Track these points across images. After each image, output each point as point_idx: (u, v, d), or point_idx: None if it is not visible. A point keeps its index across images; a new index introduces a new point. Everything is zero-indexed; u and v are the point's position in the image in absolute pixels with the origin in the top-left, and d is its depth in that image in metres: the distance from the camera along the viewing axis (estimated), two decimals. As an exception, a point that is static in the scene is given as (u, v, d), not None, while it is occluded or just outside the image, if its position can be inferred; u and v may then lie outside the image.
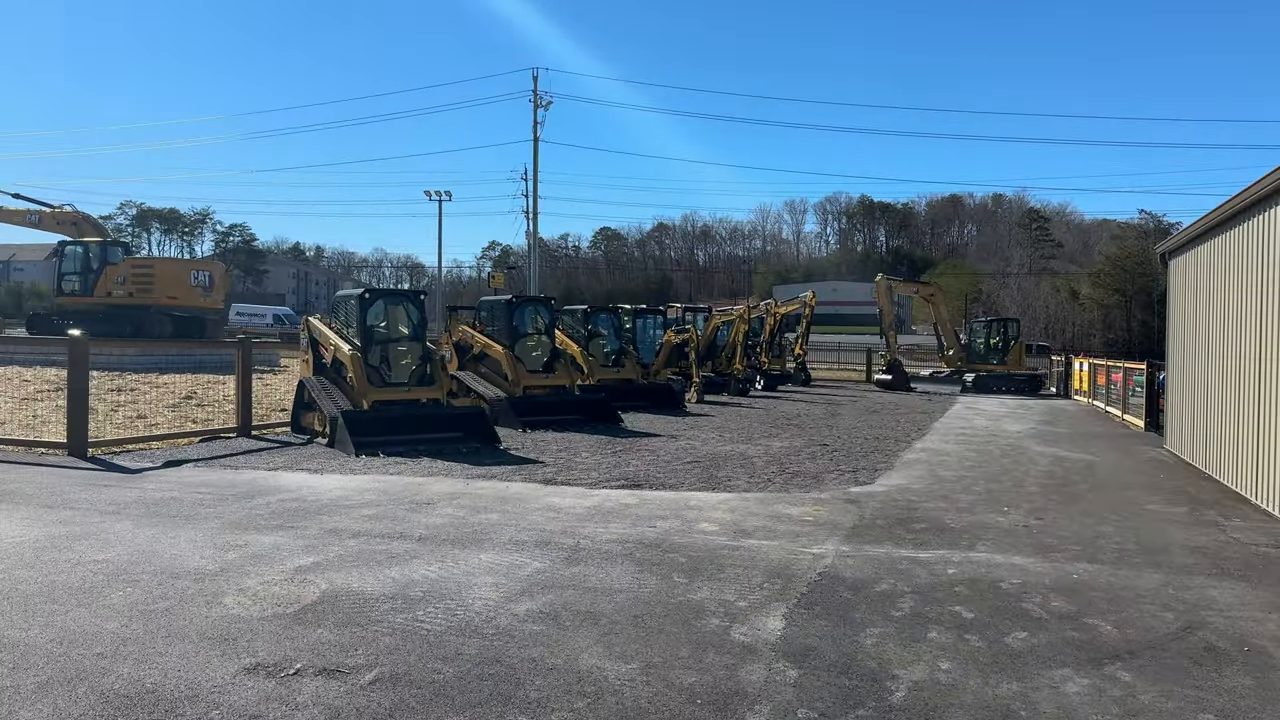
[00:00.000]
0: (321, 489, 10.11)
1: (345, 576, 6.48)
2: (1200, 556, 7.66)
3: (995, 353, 37.20)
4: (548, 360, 18.53)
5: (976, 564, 7.24)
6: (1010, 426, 20.10)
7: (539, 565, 6.87)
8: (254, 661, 4.85)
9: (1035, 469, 13.08)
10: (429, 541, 7.58)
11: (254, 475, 11.03)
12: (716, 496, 10.13)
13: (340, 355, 14.13)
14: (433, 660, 4.89)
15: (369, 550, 7.25)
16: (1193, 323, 14.24)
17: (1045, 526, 8.84)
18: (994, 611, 5.97)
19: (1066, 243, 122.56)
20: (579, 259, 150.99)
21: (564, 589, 6.25)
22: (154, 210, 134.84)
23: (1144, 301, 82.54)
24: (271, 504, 9.15)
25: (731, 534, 8.14)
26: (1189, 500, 10.58)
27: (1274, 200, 10.14)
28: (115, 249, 36.18)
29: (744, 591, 6.31)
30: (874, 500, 10.12)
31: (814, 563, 7.15)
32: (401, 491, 9.97)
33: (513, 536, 7.81)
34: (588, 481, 10.94)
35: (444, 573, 6.61)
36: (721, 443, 15.37)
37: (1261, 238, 10.55)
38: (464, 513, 8.82)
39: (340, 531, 7.93)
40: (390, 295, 15.93)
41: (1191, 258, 14.50)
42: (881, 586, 6.53)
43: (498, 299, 19.50)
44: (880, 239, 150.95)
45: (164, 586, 6.21)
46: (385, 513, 8.78)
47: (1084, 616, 5.89)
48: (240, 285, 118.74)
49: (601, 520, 8.61)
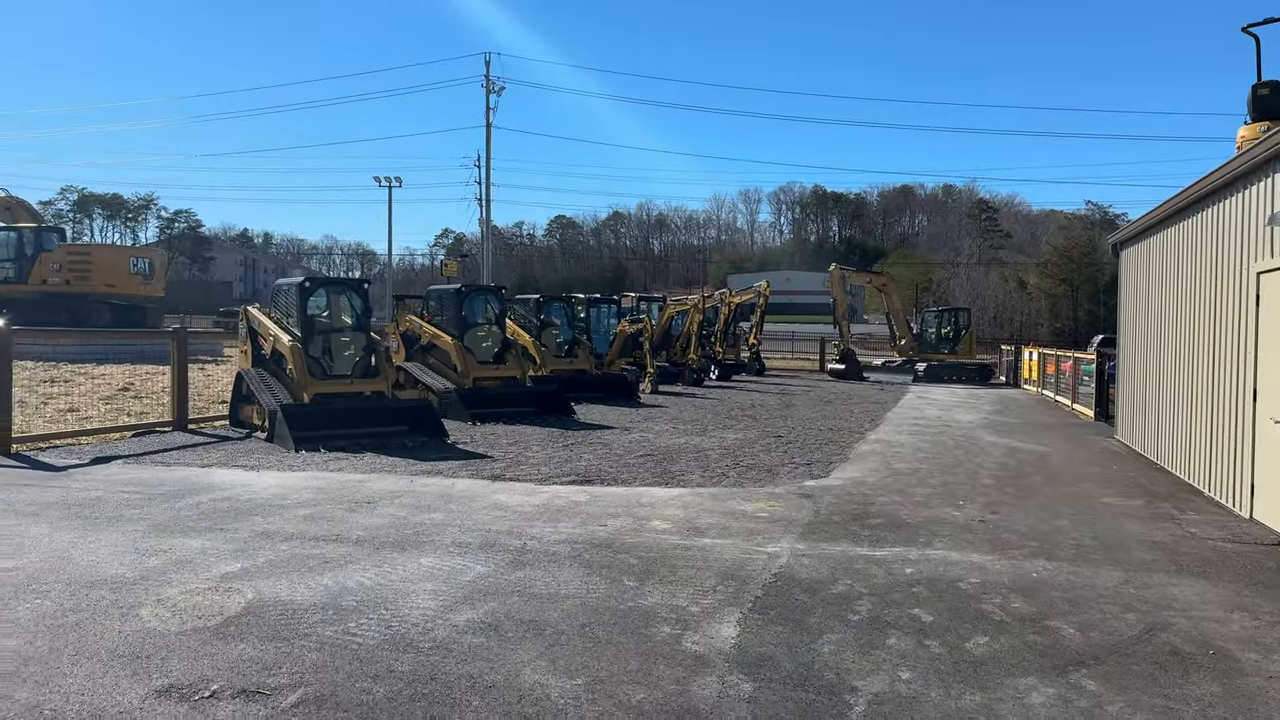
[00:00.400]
0: (257, 487, 9.66)
1: (274, 584, 6.09)
2: (1158, 552, 7.56)
3: (946, 342, 37.49)
4: (498, 351, 18.09)
5: (934, 562, 7.06)
6: (962, 416, 20.13)
7: (482, 569, 6.54)
8: (166, 683, 4.47)
9: (989, 460, 13.02)
10: (367, 544, 7.21)
11: (186, 473, 10.53)
12: (670, 492, 9.86)
13: (280, 346, 13.61)
14: (363, 678, 4.55)
15: (302, 555, 6.87)
16: (1144, 314, 14.27)
17: (1001, 521, 8.71)
18: (953, 614, 5.77)
19: (1015, 233, 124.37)
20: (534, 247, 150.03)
21: (508, 596, 5.93)
22: (96, 195, 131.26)
23: (1090, 291, 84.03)
24: (202, 504, 8.70)
25: (684, 532, 7.88)
26: (1143, 493, 10.54)
27: (1224, 193, 10.11)
28: (50, 235, 35.00)
29: (696, 595, 6.04)
30: (829, 495, 9.93)
31: (769, 563, 6.91)
32: (341, 490, 9.56)
33: (456, 538, 7.47)
34: (537, 477, 10.61)
35: (380, 579, 6.25)
36: (675, 435, 15.12)
37: (1213, 230, 10.52)
38: (406, 512, 8.45)
39: (273, 534, 7.52)
40: (332, 284, 15.40)
41: (1142, 249, 14.53)
42: (838, 588, 6.30)
43: (446, 288, 19.01)
44: (833, 229, 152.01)
45: (76, 597, 5.78)
46: (322, 513, 8.38)
47: (1045, 619, 5.71)
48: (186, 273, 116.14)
49: (550, 519, 8.30)
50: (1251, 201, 9.22)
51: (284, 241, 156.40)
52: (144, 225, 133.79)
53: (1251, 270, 9.14)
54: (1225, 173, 9.78)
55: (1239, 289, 9.54)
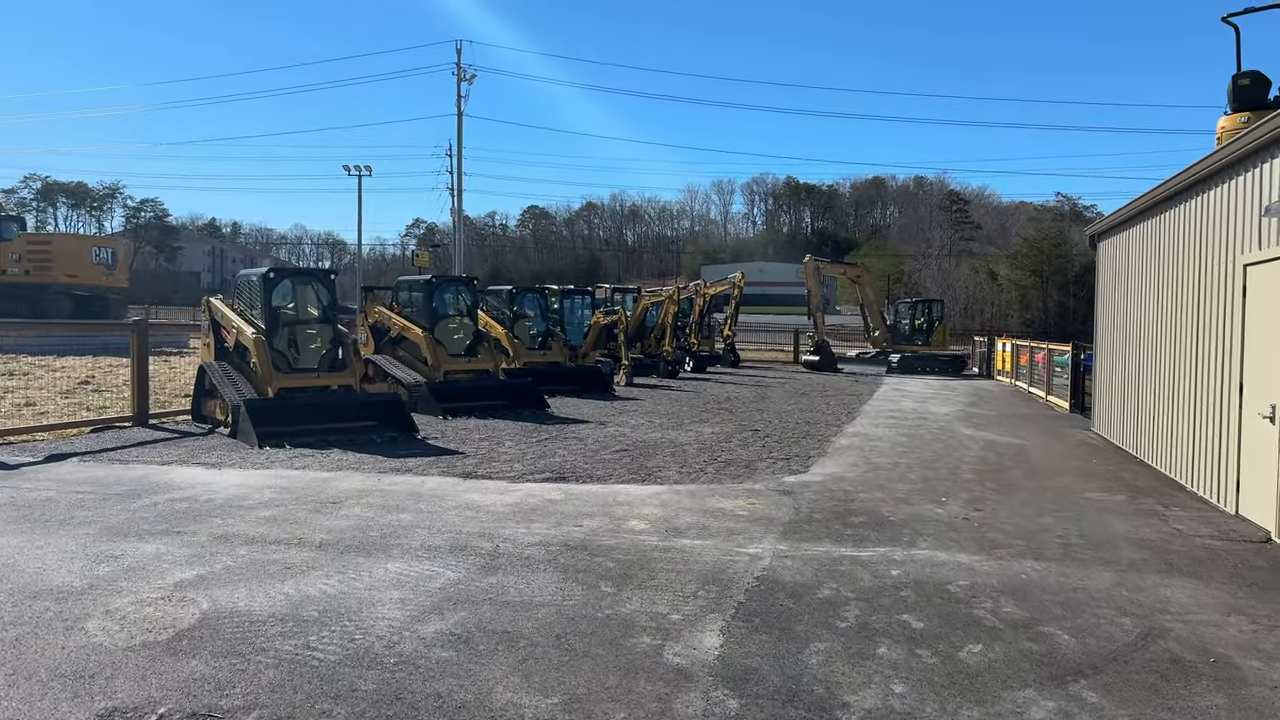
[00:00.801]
0: (217, 486, 9.28)
1: (231, 593, 5.76)
2: (1148, 551, 7.39)
3: (920, 333, 37.47)
4: (470, 343, 17.71)
5: (921, 563, 6.84)
6: (938, 409, 20.03)
7: (452, 575, 6.24)
8: (110, 705, 4.15)
9: (968, 454, 12.86)
10: (331, 549, 6.89)
11: (144, 471, 10.13)
12: (647, 490, 9.60)
13: (243, 339, 13.17)
14: (323, 699, 4.25)
15: (262, 560, 6.53)
16: (1123, 307, 14.17)
17: (986, 519, 8.52)
18: (945, 620, 5.55)
19: (985, 225, 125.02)
20: (506, 238, 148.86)
21: (479, 604, 5.64)
22: (60, 184, 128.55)
23: (1059, 283, 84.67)
24: (159, 505, 8.32)
25: (663, 533, 7.62)
26: (1125, 488, 10.41)
27: (1210, 184, 9.97)
28: (9, 224, 34.20)
29: (677, 602, 5.78)
30: (809, 491, 9.71)
31: (751, 565, 6.67)
32: (305, 489, 9.20)
33: (425, 541, 7.16)
34: (510, 474, 10.31)
35: (344, 587, 5.94)
36: (651, 429, 14.86)
37: (1198, 221, 10.39)
38: (373, 513, 8.12)
39: (232, 537, 7.18)
40: (297, 274, 14.96)
41: (1121, 240, 14.42)
42: (824, 592, 6.07)
43: (416, 278, 18.60)
44: (806, 220, 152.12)
45: (19, 609, 5.42)
46: (285, 514, 8.03)
47: (1039, 624, 5.51)
48: (152, 263, 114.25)
49: (523, 519, 8.01)
50: (1240, 192, 9.07)
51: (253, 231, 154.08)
52: (110, 214, 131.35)
53: (1238, 262, 8.99)
54: (1212, 163, 9.64)
55: (1225, 281, 9.40)
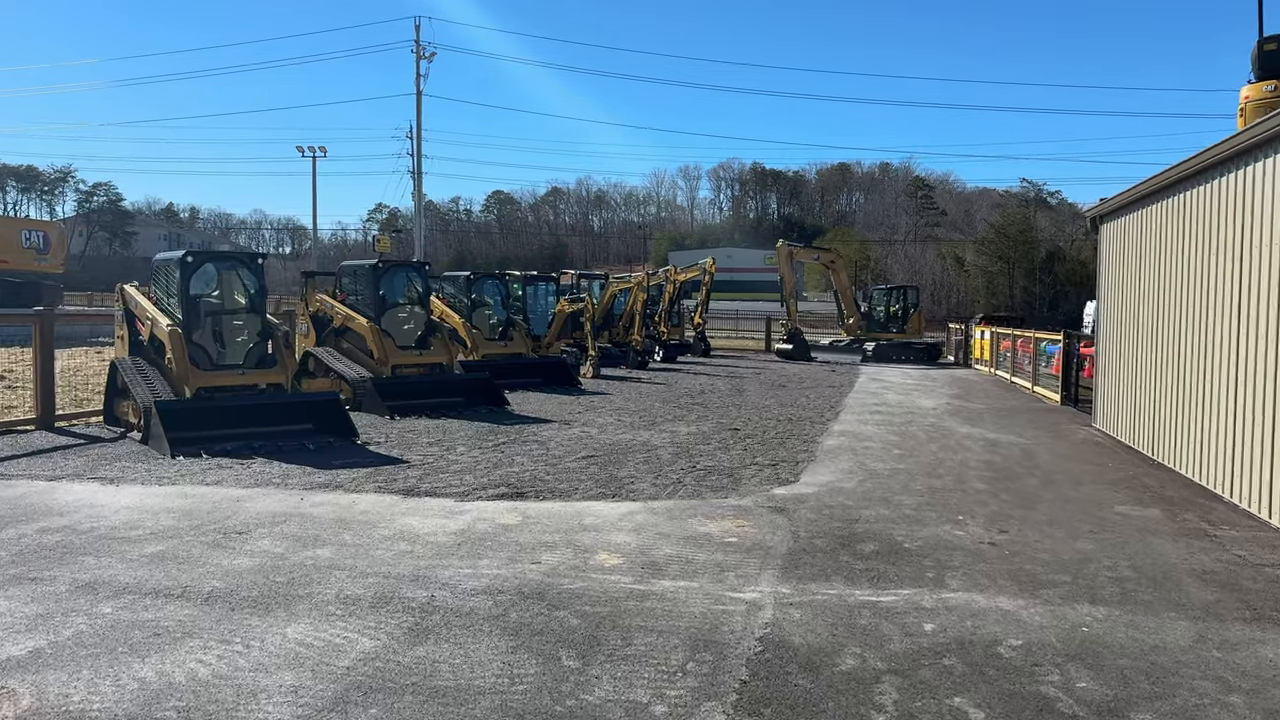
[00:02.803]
0: (107, 510, 7.79)
1: (69, 679, 4.33)
2: (1218, 588, 6.17)
3: (895, 321, 36.44)
4: (422, 334, 16.17)
5: (958, 613, 5.56)
6: (923, 401, 18.87)
7: (369, 645, 4.84)
8: None
9: (971, 457, 11.65)
10: (220, 603, 5.46)
11: (25, 489, 8.60)
12: (618, 508, 8.25)
13: (158, 331, 11.60)
14: None
15: (128, 623, 5.10)
16: (1133, 294, 13.02)
17: (1015, 544, 7.28)
18: (1008, 705, 4.27)
19: (950, 210, 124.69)
20: (471, 223, 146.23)
21: (399, 694, 4.26)
22: (9, 167, 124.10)
23: (1026, 268, 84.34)
24: (25, 539, 6.83)
25: (638, 570, 6.29)
26: (1156, 499, 9.23)
27: (1255, 155, 8.78)
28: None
29: (661, 681, 4.45)
30: (805, 508, 8.42)
31: (750, 619, 5.35)
32: (210, 512, 7.74)
33: (342, 589, 5.76)
34: (459, 490, 8.91)
35: (224, 666, 4.53)
36: (621, 429, 13.50)
37: (1237, 198, 9.19)
38: (284, 547, 6.69)
39: (100, 586, 5.73)
40: (220, 258, 13.37)
41: (1131, 222, 13.26)
42: (847, 661, 4.77)
43: (361, 263, 17.00)
44: (772, 206, 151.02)
45: None
46: (177, 549, 6.58)
47: (1131, 710, 4.24)
48: (106, 248, 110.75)
49: (470, 554, 6.63)
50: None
51: (211, 216, 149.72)
52: (61, 199, 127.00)
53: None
54: (1260, 132, 8.43)
55: (1275, 264, 8.22)
